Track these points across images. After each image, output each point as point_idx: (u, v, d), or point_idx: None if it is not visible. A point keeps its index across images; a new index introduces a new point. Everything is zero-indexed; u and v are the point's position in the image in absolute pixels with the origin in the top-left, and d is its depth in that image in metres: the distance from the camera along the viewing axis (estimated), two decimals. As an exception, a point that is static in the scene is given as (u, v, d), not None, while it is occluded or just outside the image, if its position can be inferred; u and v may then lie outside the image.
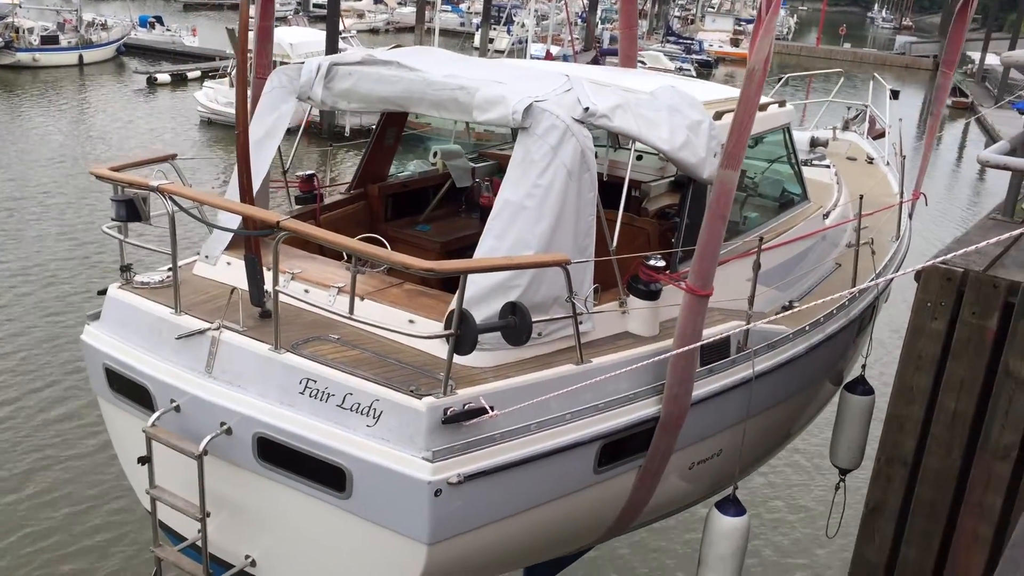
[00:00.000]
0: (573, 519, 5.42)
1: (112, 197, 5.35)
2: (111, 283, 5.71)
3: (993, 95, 47.44)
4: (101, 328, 5.62)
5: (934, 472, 6.08)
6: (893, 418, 6.23)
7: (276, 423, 4.74)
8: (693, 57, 54.34)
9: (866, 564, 6.54)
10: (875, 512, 6.44)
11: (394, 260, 4.42)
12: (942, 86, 9.11)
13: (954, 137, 40.71)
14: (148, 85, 36.45)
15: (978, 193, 31.14)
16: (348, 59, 6.08)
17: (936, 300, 5.92)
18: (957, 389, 5.92)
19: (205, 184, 23.21)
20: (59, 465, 10.37)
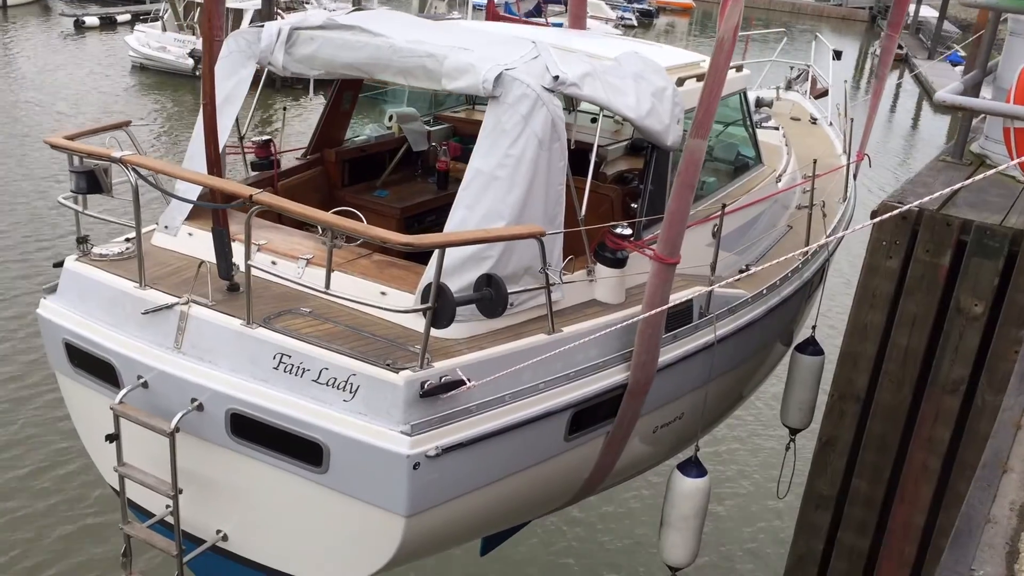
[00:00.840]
0: (544, 486, 5.51)
1: (71, 168, 5.15)
2: (67, 255, 5.50)
3: (927, 47, 48.21)
4: (59, 302, 5.43)
5: (885, 407, 6.26)
6: (847, 355, 6.38)
7: (251, 399, 4.68)
8: (635, 6, 54.11)
9: (818, 496, 6.73)
10: (827, 446, 6.61)
11: (372, 234, 4.38)
12: (887, 49, 9.23)
13: (888, 88, 41.32)
14: (76, 28, 35.13)
15: (912, 144, 31.78)
16: (309, 23, 5.91)
17: (891, 239, 6.04)
18: (909, 325, 6.08)
19: (154, 142, 22.46)
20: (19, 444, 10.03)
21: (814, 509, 6.75)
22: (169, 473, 4.83)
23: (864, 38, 59.12)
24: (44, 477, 9.37)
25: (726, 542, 9.40)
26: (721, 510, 9.78)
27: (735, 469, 10.54)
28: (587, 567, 8.90)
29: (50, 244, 15.21)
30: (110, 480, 5.41)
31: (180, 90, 27.64)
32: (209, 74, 4.87)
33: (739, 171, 7.47)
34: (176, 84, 28.28)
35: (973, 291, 5.81)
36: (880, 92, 9.37)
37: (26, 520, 8.82)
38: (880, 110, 33.08)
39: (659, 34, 55.05)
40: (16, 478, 9.36)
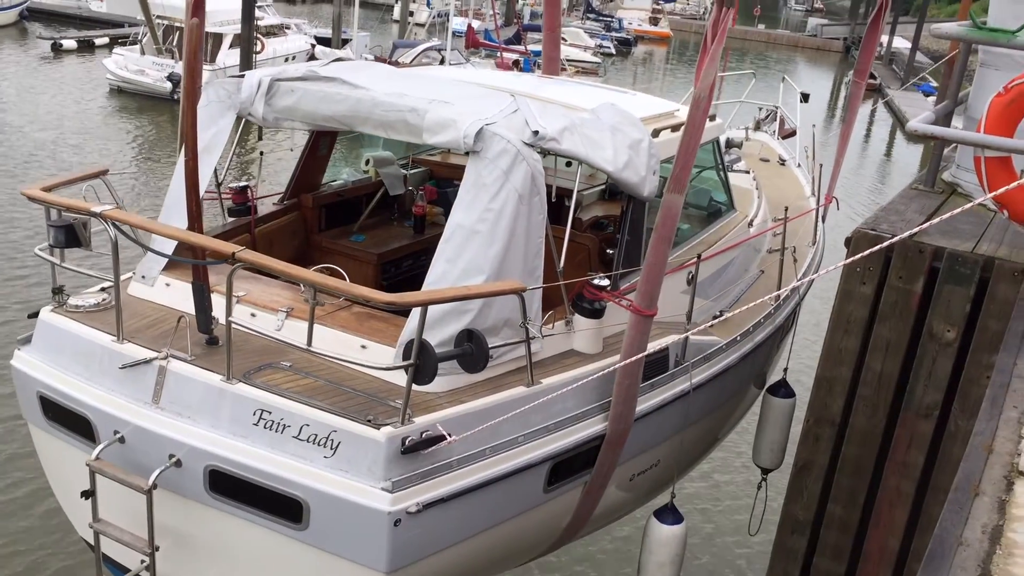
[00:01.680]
0: (523, 536, 5.54)
1: (50, 222, 5.10)
2: (42, 306, 5.45)
3: (900, 77, 48.96)
4: (33, 353, 5.37)
5: (860, 431, 6.31)
6: (821, 379, 6.43)
7: (230, 455, 4.65)
8: (613, 35, 54.70)
9: (794, 521, 6.75)
10: (803, 471, 6.65)
11: (355, 293, 4.43)
12: (854, 94, 9.42)
13: (863, 117, 41.89)
14: (53, 51, 35.01)
15: (886, 172, 32.18)
16: (289, 74, 5.95)
17: (865, 265, 6.11)
18: (883, 351, 6.14)
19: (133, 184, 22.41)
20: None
21: (790, 534, 6.78)
22: (145, 528, 4.78)
23: (838, 68, 59.99)
24: (16, 523, 9.07)
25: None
26: (694, 547, 9.78)
27: (707, 507, 10.54)
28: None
29: (27, 284, 15.01)
30: (84, 534, 5.34)
31: (158, 113, 27.58)
32: (192, 128, 4.89)
33: (712, 217, 7.59)
34: (154, 107, 28.21)
35: (945, 317, 5.89)
36: (848, 136, 9.56)
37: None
38: (854, 139, 33.48)
39: (637, 62, 55.62)
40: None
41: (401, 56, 33.53)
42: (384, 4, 54.25)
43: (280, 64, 33.30)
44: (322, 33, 39.45)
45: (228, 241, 6.09)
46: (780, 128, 12.02)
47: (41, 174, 20.43)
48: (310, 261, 6.93)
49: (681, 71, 53.40)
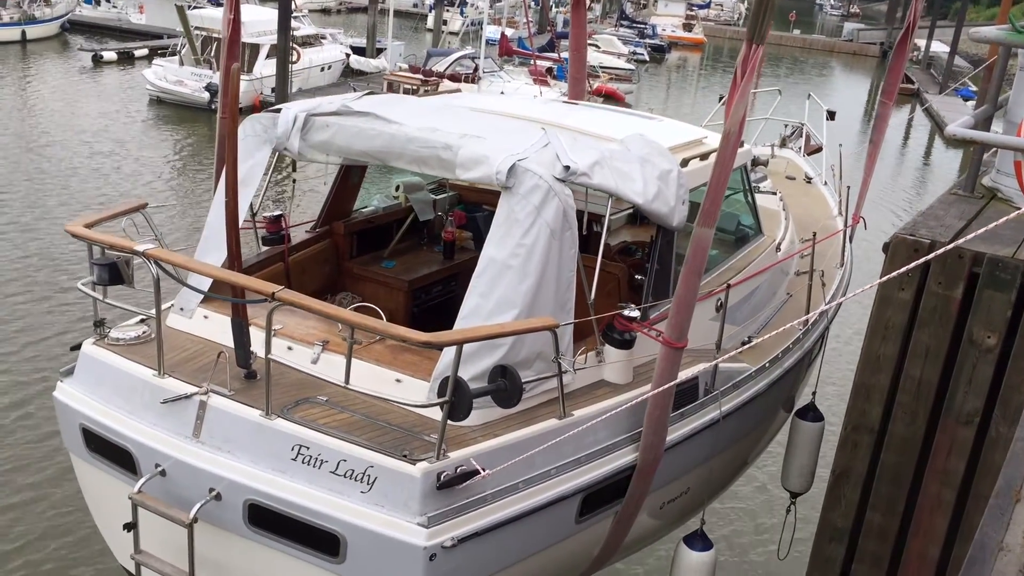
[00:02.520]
0: (554, 566, 5.59)
1: (93, 260, 5.24)
2: (84, 338, 5.58)
3: (938, 82, 48.38)
4: (75, 385, 5.49)
5: (899, 438, 6.25)
6: (860, 386, 6.38)
7: (269, 490, 4.74)
8: (646, 41, 54.54)
9: (832, 529, 6.70)
10: (841, 478, 6.60)
11: (391, 333, 4.49)
12: (882, 115, 9.31)
13: (900, 123, 41.48)
14: (94, 63, 35.64)
15: (924, 178, 31.82)
16: (323, 109, 6.06)
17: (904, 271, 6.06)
18: (923, 357, 6.09)
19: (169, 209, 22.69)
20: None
21: (828, 542, 6.72)
22: (185, 559, 4.88)
23: (875, 73, 59.38)
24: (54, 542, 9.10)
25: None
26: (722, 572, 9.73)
27: (735, 530, 10.47)
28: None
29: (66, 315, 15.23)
30: (124, 563, 5.44)
31: (196, 123, 27.97)
32: (232, 169, 4.99)
33: (740, 242, 7.60)
34: (193, 117, 28.62)
35: (986, 323, 5.83)
36: (875, 156, 9.49)
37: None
38: (892, 145, 33.13)
39: (671, 69, 55.47)
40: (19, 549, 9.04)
41: (435, 65, 33.71)
42: (418, 13, 54.66)
43: (316, 73, 33.67)
44: (357, 43, 39.78)
45: (262, 270, 6.35)
46: (806, 145, 11.99)
47: (82, 186, 20.81)
48: (342, 288, 7.09)
49: (715, 77, 53.18)
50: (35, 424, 10.92)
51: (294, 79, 31.17)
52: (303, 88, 32.03)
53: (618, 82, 39.36)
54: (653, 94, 44.51)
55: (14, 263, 15.87)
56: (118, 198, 20.03)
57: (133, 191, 20.75)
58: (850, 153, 10.93)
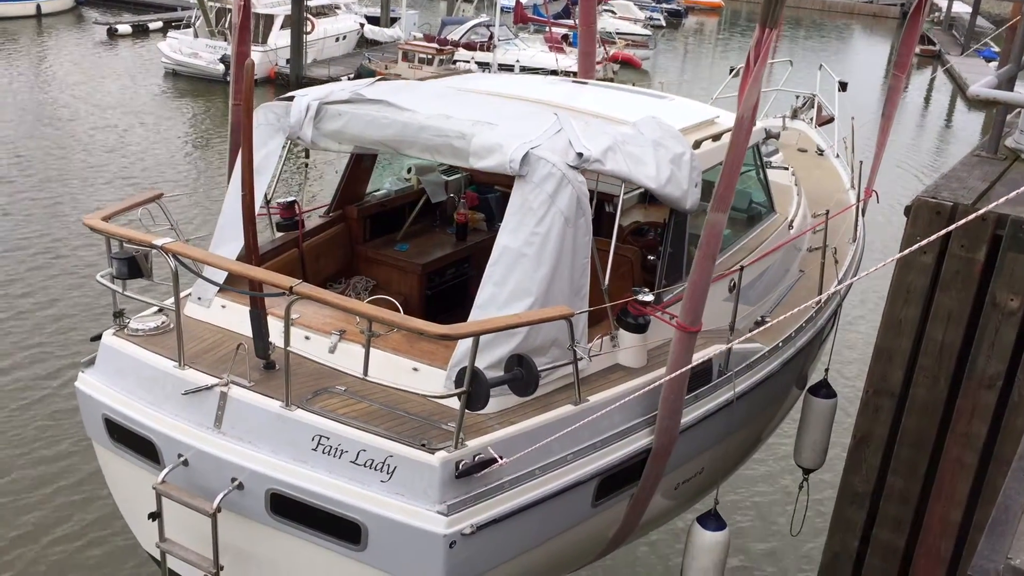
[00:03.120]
0: (571, 549, 5.66)
1: (112, 254, 5.29)
2: (104, 328, 5.65)
3: (960, 43, 47.67)
4: (96, 376, 5.55)
5: (921, 402, 6.22)
6: (881, 350, 6.35)
7: (290, 480, 4.81)
8: (663, 6, 53.99)
9: (852, 494, 6.70)
10: (862, 443, 6.59)
11: (409, 326, 4.53)
12: (894, 88, 9.18)
13: (921, 83, 40.97)
14: (109, 36, 35.69)
15: (945, 141, 31.46)
16: (335, 97, 6.04)
17: (925, 234, 6.00)
18: (945, 321, 6.04)
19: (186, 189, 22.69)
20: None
21: (849, 506, 6.73)
22: (210, 547, 4.96)
23: (895, 35, 58.55)
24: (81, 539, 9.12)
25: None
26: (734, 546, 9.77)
27: (746, 504, 10.49)
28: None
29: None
30: (149, 549, 5.53)
31: (212, 95, 27.98)
32: (248, 164, 4.98)
33: (753, 221, 7.56)
34: (208, 89, 28.64)
35: (1009, 286, 5.77)
36: (888, 129, 9.40)
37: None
38: (913, 107, 32.75)
39: (688, 34, 54.89)
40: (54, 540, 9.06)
41: (450, 33, 33.50)
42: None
43: (330, 43, 33.53)
44: (371, 12, 39.57)
45: (277, 257, 6.41)
46: (817, 116, 11.89)
47: (98, 160, 20.89)
48: (356, 272, 7.14)
49: (733, 42, 52.59)
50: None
51: (308, 50, 31.08)
52: (317, 59, 31.96)
53: (634, 48, 39.02)
54: (670, 61, 44.12)
55: (36, 239, 15.99)
56: (135, 172, 20.12)
57: (149, 164, 20.83)
58: (863, 124, 10.84)
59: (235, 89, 6.36)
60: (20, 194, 17.96)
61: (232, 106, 6.44)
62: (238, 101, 6.24)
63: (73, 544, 8.92)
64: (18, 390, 11.27)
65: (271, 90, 30.01)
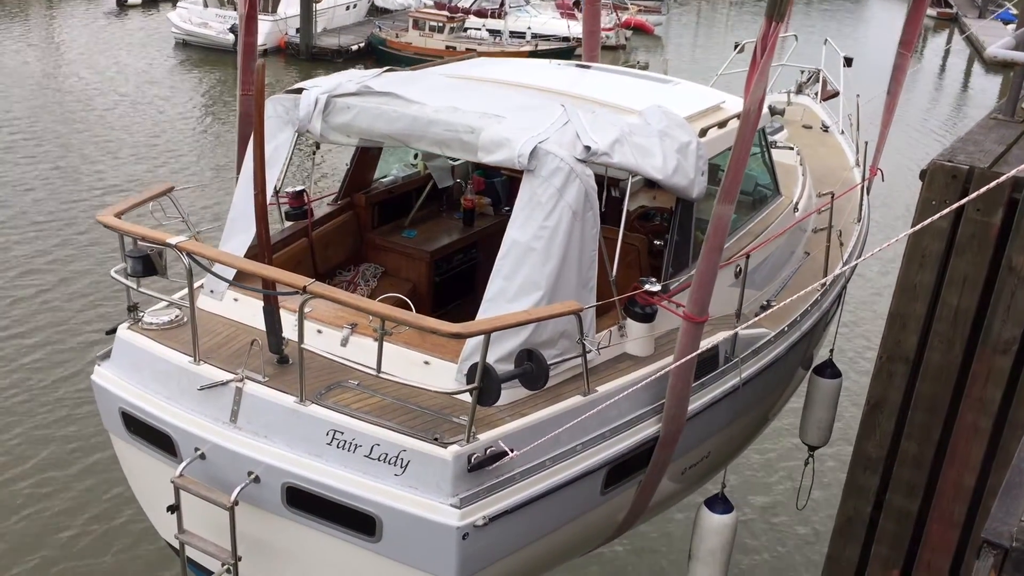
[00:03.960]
0: (580, 535, 5.76)
1: (127, 252, 5.33)
2: (119, 323, 5.72)
3: (977, 6, 46.98)
4: (112, 369, 5.61)
5: (935, 367, 6.19)
6: (896, 315, 6.31)
7: (306, 474, 4.89)
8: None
9: (866, 459, 6.69)
10: (876, 408, 6.57)
11: (421, 325, 4.59)
12: (899, 67, 9.07)
13: (938, 47, 40.45)
14: (119, 7, 35.59)
15: (963, 104, 31.11)
16: (344, 90, 6.05)
17: (941, 198, 5.95)
18: (960, 285, 6.00)
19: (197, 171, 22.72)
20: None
21: (863, 471, 6.72)
22: (227, 538, 5.04)
23: None
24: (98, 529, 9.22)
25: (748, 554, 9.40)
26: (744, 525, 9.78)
27: (752, 482, 10.52)
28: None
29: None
30: (167, 538, 5.62)
31: (223, 65, 27.92)
32: (260, 164, 5.01)
33: (758, 204, 7.56)
34: (218, 59, 28.57)
35: (1025, 250, 5.72)
36: (893, 107, 9.29)
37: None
38: (929, 71, 32.39)
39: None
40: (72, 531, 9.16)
41: (460, 1, 33.21)
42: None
43: (340, 12, 33.31)
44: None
45: (288, 247, 6.49)
46: (822, 90, 11.80)
47: (109, 132, 20.91)
48: (364, 259, 7.21)
49: (747, 6, 51.97)
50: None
51: (319, 19, 30.90)
52: (327, 28, 31.78)
53: (647, 14, 38.65)
54: (683, 26, 43.68)
55: (51, 212, 16.06)
56: (146, 144, 20.13)
57: (159, 135, 20.84)
58: (870, 100, 10.77)
59: (243, 80, 6.42)
60: (42, 167, 18.02)
61: (240, 96, 6.50)
62: (246, 91, 6.34)
63: (100, 526, 9.06)
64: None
65: (281, 59, 29.91)
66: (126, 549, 8.82)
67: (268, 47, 29.44)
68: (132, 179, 17.85)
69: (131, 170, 18.52)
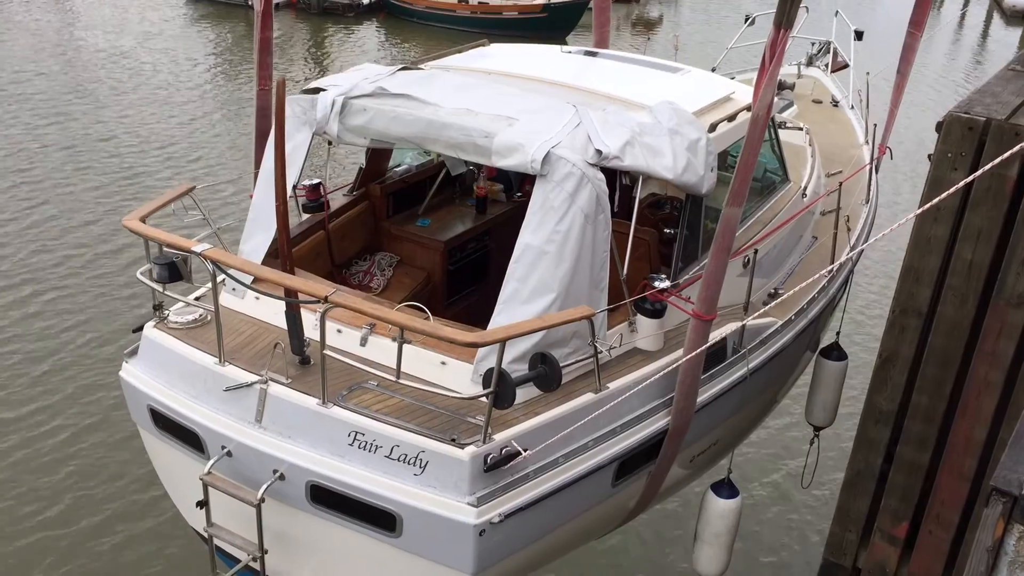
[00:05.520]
0: (592, 524, 5.98)
1: (152, 259, 5.48)
2: (146, 321, 5.86)
3: (998, -45, 46.00)
4: (139, 366, 5.78)
5: (948, 321, 6.20)
6: (909, 269, 6.31)
7: (329, 473, 5.05)
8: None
9: (877, 412, 6.73)
10: (888, 362, 6.59)
11: (439, 335, 4.71)
12: (909, 46, 8.95)
13: (956, 2, 39.74)
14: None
15: (981, 58, 30.65)
16: (360, 91, 6.13)
17: (957, 151, 5.91)
18: (975, 239, 5.98)
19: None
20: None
21: (874, 424, 6.76)
22: (254, 531, 5.22)
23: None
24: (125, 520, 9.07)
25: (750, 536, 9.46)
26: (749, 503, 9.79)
27: (756, 460, 10.55)
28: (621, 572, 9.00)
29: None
30: (195, 527, 5.80)
31: (234, 20, 27.71)
32: (281, 174, 5.14)
33: (767, 191, 7.56)
34: (229, 14, 28.36)
35: (1042, 203, 5.68)
36: (903, 87, 9.23)
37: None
38: (948, 23, 31.82)
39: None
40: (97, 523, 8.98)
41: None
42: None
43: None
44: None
45: (305, 240, 6.65)
46: (833, 61, 11.69)
47: (123, 93, 20.85)
48: (380, 248, 7.35)
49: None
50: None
51: (329, -28, 30.52)
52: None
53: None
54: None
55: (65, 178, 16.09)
56: (161, 105, 20.07)
57: (173, 94, 20.77)
58: (879, 72, 10.66)
59: (260, 75, 6.56)
60: (78, 131, 18.02)
61: (258, 91, 6.65)
62: (263, 86, 6.50)
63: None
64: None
65: (292, 13, 29.68)
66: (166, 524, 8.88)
67: (280, 1, 29.21)
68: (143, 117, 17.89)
69: (150, 131, 18.51)
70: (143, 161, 16.70)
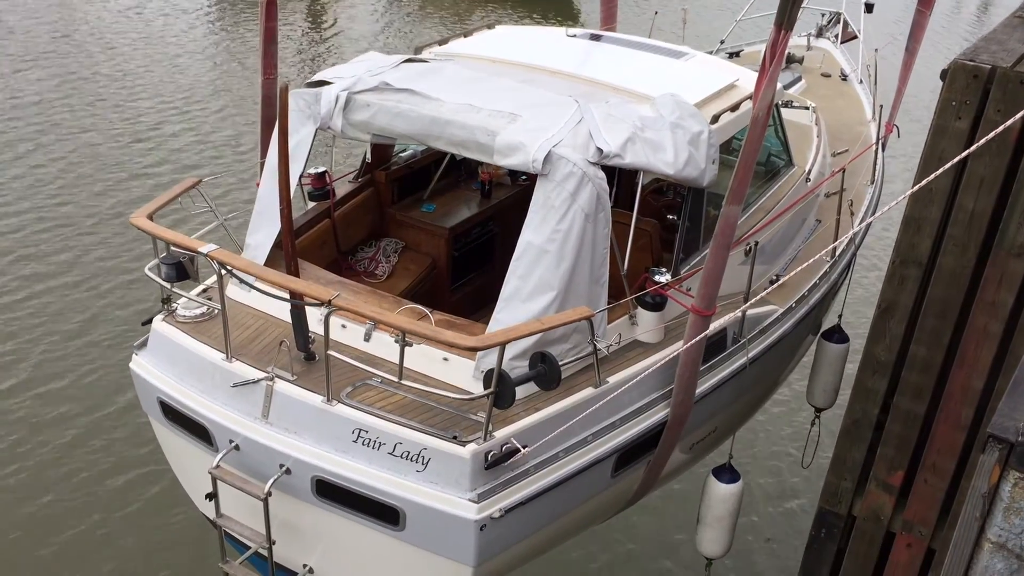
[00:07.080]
0: (591, 514, 6.10)
1: (160, 259, 5.60)
2: (155, 314, 5.97)
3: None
4: (149, 359, 5.89)
5: (948, 271, 6.18)
6: (910, 219, 6.27)
7: (333, 469, 5.18)
8: None
9: (875, 363, 6.73)
10: (886, 312, 6.57)
11: (441, 339, 4.81)
12: (918, 24, 8.81)
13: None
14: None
15: (987, 8, 30.27)
16: (363, 86, 6.12)
17: (961, 99, 5.84)
18: (977, 188, 5.94)
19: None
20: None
21: (871, 375, 6.77)
22: (262, 521, 5.35)
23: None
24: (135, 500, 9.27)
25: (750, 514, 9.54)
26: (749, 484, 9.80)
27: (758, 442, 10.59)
28: (624, 555, 9.08)
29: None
30: (206, 512, 5.93)
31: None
32: (285, 180, 5.19)
33: (771, 177, 7.52)
34: None
35: (1045, 152, 5.63)
36: (911, 64, 9.15)
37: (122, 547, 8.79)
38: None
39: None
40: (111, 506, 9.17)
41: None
42: None
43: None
44: None
45: (311, 229, 6.75)
46: (843, 32, 11.55)
47: (127, 68, 20.57)
48: (385, 234, 7.44)
49: None
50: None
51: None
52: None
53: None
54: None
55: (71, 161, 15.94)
56: (168, 82, 19.82)
57: (181, 68, 20.53)
58: (888, 43, 10.57)
59: (265, 64, 6.61)
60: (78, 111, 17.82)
61: (263, 79, 6.71)
62: (268, 75, 6.58)
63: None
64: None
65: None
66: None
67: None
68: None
69: (157, 105, 18.30)
70: (149, 147, 16.54)
